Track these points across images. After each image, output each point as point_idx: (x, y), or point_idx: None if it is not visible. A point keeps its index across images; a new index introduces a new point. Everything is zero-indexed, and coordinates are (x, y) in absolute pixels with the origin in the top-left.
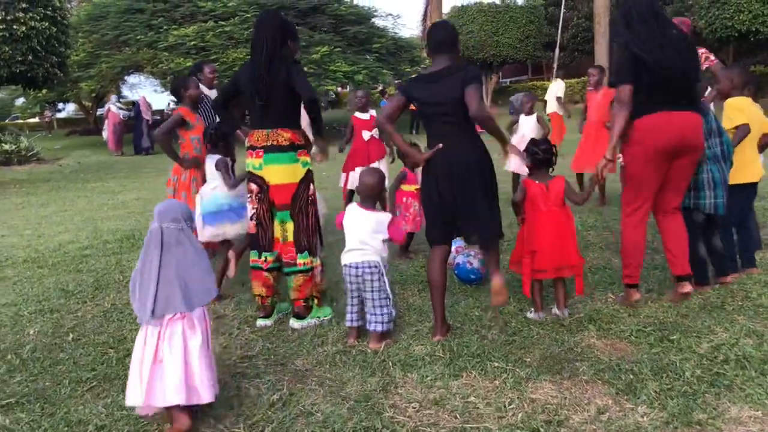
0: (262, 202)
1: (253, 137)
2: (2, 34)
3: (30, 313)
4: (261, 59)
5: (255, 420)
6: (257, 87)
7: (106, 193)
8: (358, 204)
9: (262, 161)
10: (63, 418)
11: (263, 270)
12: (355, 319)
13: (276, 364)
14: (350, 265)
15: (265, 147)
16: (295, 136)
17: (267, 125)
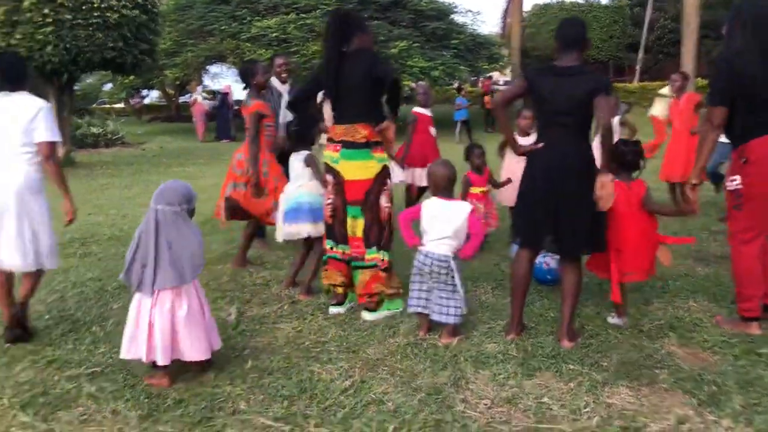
0: (338, 195)
1: (333, 130)
2: (96, 21)
3: (113, 288)
4: (328, 56)
5: (327, 404)
6: (328, 83)
7: (186, 178)
8: (438, 196)
9: (339, 155)
10: (144, 389)
11: (341, 260)
12: (420, 305)
13: (348, 351)
14: (425, 254)
15: (343, 142)
16: (371, 133)
17: (344, 120)
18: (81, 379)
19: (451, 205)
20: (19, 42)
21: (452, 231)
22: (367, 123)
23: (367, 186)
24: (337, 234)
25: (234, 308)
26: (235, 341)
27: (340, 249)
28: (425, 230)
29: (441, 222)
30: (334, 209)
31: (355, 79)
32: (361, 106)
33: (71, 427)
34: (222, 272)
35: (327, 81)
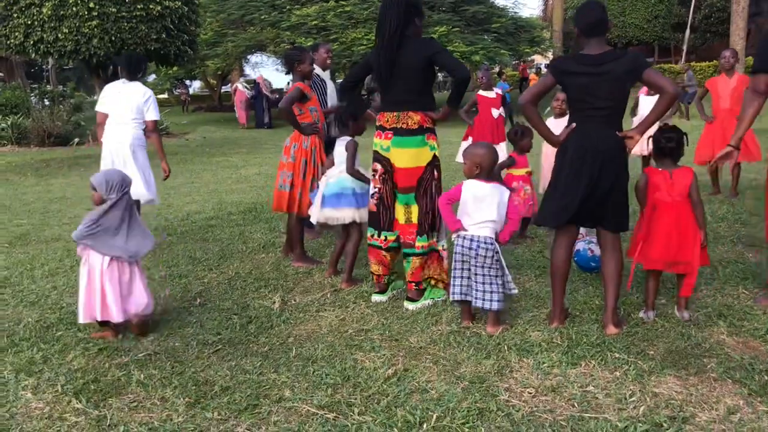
0: (385, 183)
1: (383, 118)
2: (140, 14)
3: (160, 277)
4: (386, 40)
5: (371, 392)
6: (382, 68)
7: (230, 167)
8: (478, 178)
9: (390, 143)
10: (191, 377)
11: (381, 249)
12: (462, 293)
13: (390, 339)
14: (465, 237)
15: (394, 129)
16: (424, 119)
17: (396, 107)
18: (130, 366)
19: (493, 188)
20: (66, 36)
21: (496, 214)
22: (419, 110)
23: (419, 173)
24: (382, 221)
25: (278, 297)
26: (280, 329)
27: (382, 236)
28: (466, 213)
29: (484, 205)
30: (381, 197)
31: (410, 65)
32: (414, 92)
33: (122, 413)
34: (264, 261)
35: (383, 65)
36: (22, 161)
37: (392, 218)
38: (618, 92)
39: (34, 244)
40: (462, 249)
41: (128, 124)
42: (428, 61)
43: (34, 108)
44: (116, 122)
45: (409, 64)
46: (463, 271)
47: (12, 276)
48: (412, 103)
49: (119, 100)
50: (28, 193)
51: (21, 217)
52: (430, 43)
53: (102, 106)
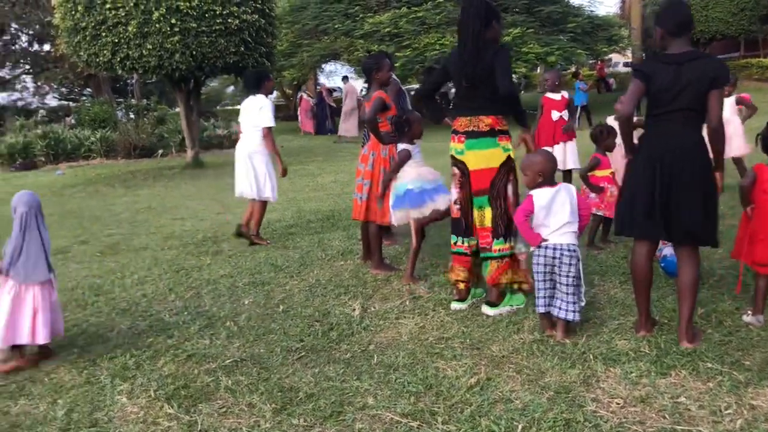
0: (463, 188)
1: (457, 122)
2: (219, 28)
3: (244, 284)
4: (468, 44)
5: (454, 401)
6: (465, 73)
7: (307, 176)
8: (543, 186)
9: (464, 146)
10: (276, 383)
11: (467, 255)
12: (546, 304)
13: (472, 347)
14: (548, 247)
15: (467, 132)
16: (496, 121)
17: (470, 111)
18: (218, 372)
19: (558, 190)
20: (150, 52)
21: (570, 214)
22: (492, 113)
23: (492, 175)
24: (463, 227)
25: (358, 304)
26: (360, 336)
27: (466, 243)
28: (541, 224)
29: (556, 209)
30: (461, 202)
31: (483, 71)
32: (487, 98)
33: (212, 419)
34: (344, 268)
35: (463, 70)
36: (110, 173)
37: (472, 223)
38: (700, 94)
39: (124, 253)
40: (546, 259)
41: (248, 132)
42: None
43: (120, 122)
44: (243, 131)
45: (483, 69)
46: (546, 282)
47: (104, 284)
48: (484, 108)
49: (244, 112)
50: (116, 204)
51: (111, 227)
52: (499, 50)
53: (239, 118)
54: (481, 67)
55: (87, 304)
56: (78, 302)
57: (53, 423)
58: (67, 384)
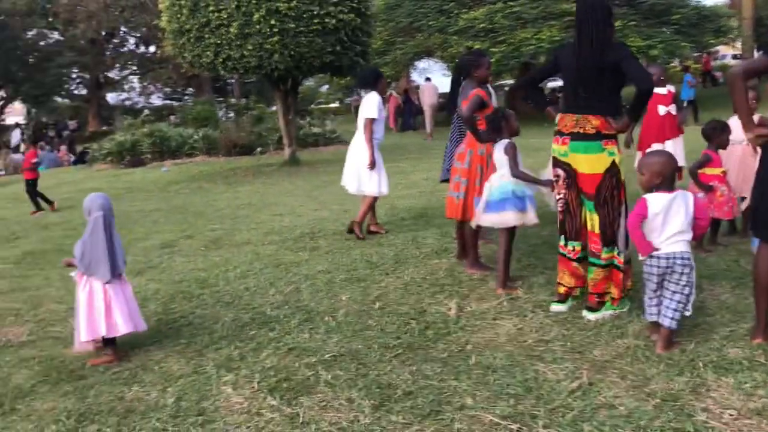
0: (570, 188)
1: (562, 122)
2: (316, 28)
3: (341, 280)
4: (588, 40)
5: (555, 405)
6: (580, 69)
7: (399, 173)
8: (660, 190)
9: (568, 149)
10: (374, 379)
11: (572, 260)
12: (657, 313)
13: (573, 351)
14: (660, 256)
15: (572, 134)
16: (603, 124)
17: (577, 110)
18: (318, 366)
19: (676, 196)
20: (250, 52)
21: (685, 223)
22: (600, 114)
23: (598, 180)
24: (570, 229)
25: (453, 303)
26: (457, 336)
27: (571, 246)
28: (654, 230)
29: (672, 216)
30: (567, 203)
31: (597, 69)
32: (597, 97)
33: (313, 412)
34: (438, 267)
35: (578, 68)
36: (212, 170)
37: (579, 226)
38: None
39: (227, 248)
40: (658, 269)
41: (359, 128)
42: (615, 66)
43: (221, 121)
44: (357, 128)
45: (596, 67)
46: (657, 291)
47: (209, 277)
48: (593, 108)
49: (360, 109)
50: (218, 200)
51: (214, 222)
52: (619, 47)
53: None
54: (598, 64)
55: (193, 296)
56: (184, 294)
57: (164, 410)
58: (175, 373)
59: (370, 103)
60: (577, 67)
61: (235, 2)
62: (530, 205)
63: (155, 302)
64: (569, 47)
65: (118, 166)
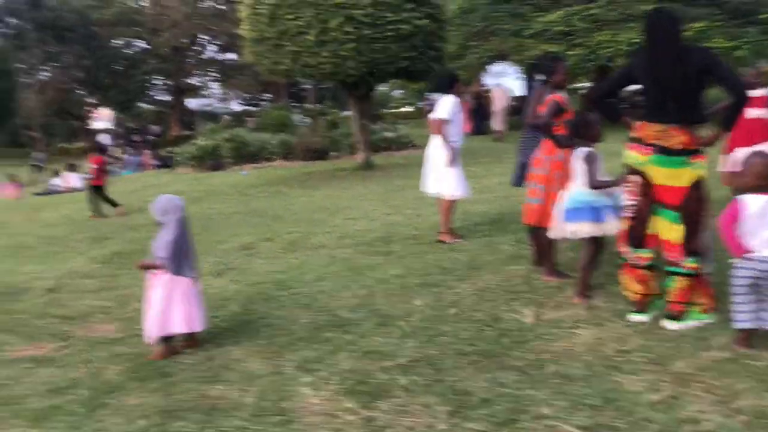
0: (643, 196)
1: (642, 130)
2: (391, 34)
3: (415, 285)
4: (663, 46)
5: (636, 418)
6: (658, 77)
7: (472, 177)
8: (760, 192)
9: (648, 160)
10: (450, 386)
11: (639, 267)
12: (752, 319)
13: (654, 362)
14: (759, 260)
15: (654, 146)
16: (690, 140)
17: (660, 120)
18: (393, 371)
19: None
20: (326, 59)
21: None
22: (685, 126)
23: (683, 192)
24: (638, 237)
25: (530, 310)
26: (534, 344)
27: (638, 254)
28: (749, 233)
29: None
30: (638, 211)
31: (679, 76)
32: (681, 105)
33: (389, 416)
34: (514, 273)
35: (657, 73)
36: (289, 174)
37: (643, 234)
38: None
39: (303, 251)
40: (753, 272)
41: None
42: (701, 73)
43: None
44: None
45: (678, 74)
46: (750, 295)
47: (287, 280)
48: (678, 117)
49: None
50: (295, 203)
51: (291, 226)
52: (705, 52)
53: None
54: (679, 72)
55: (271, 298)
56: (263, 296)
57: (245, 408)
58: (255, 373)
59: (443, 106)
60: (654, 73)
61: (313, 10)
62: (610, 216)
63: (235, 303)
64: (642, 55)
65: (200, 170)
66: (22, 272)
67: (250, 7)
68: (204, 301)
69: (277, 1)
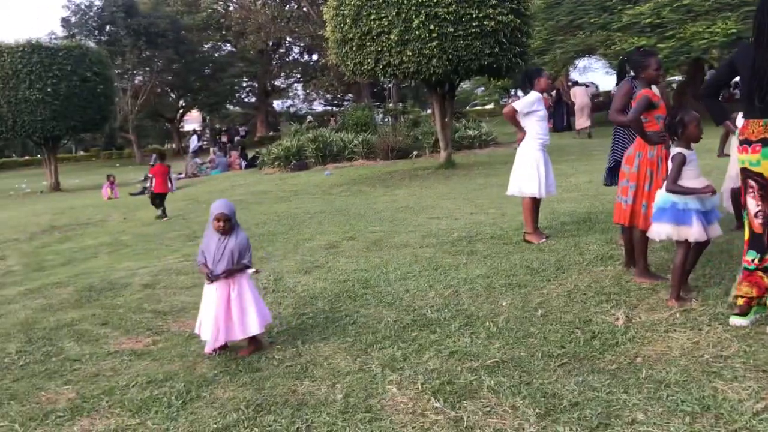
0: (766, 200)
1: (747, 129)
2: (474, 31)
3: (500, 285)
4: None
5: (737, 427)
6: (760, 73)
7: (560, 176)
8: None
9: (760, 156)
10: (539, 388)
11: (758, 270)
12: None
13: (756, 369)
14: None
15: (763, 140)
16: None
17: (763, 114)
18: (480, 371)
19: None
20: (410, 58)
21: None
22: None
23: None
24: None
25: (621, 313)
26: (626, 347)
27: (760, 257)
28: None
29: None
30: (765, 217)
31: None
32: None
33: (477, 417)
34: (603, 274)
35: (760, 67)
36: (371, 173)
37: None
38: None
39: (387, 249)
40: None
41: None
42: None
43: (379, 125)
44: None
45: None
46: None
47: (371, 278)
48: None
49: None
50: (377, 202)
51: (374, 224)
52: None
53: None
54: None
55: (357, 296)
56: (349, 294)
57: (333, 405)
58: (343, 370)
59: (523, 99)
60: (757, 68)
61: (396, 9)
62: (696, 219)
63: (322, 300)
64: (747, 47)
65: (285, 170)
66: (120, 268)
67: (334, 9)
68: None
69: (360, 2)
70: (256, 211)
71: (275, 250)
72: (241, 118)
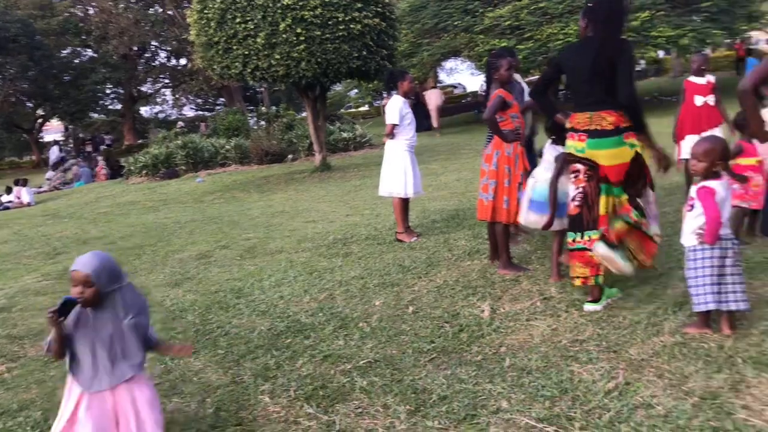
0: (591, 180)
1: (574, 119)
2: (342, 34)
3: (374, 285)
4: (599, 40)
5: (591, 406)
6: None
7: (430, 175)
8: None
9: (585, 146)
10: (410, 385)
11: (585, 249)
12: (718, 300)
13: (608, 350)
14: (725, 239)
15: (588, 131)
16: (619, 119)
17: (589, 107)
18: (353, 373)
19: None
20: (278, 61)
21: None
22: (614, 109)
23: (624, 168)
24: (585, 222)
25: (487, 305)
26: (491, 338)
27: (585, 237)
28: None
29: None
30: (585, 197)
31: (601, 65)
32: (607, 92)
33: (349, 419)
34: (471, 269)
35: (578, 67)
36: (245, 179)
37: (597, 216)
38: None
39: (261, 256)
40: (721, 251)
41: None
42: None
43: (252, 129)
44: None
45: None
46: (715, 277)
47: (245, 287)
48: (606, 102)
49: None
50: (252, 208)
51: (248, 231)
52: (621, 44)
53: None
54: (600, 60)
55: (229, 306)
56: (220, 305)
57: (203, 420)
58: (214, 383)
59: (392, 108)
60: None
61: (261, 13)
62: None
63: (192, 313)
64: (570, 48)
65: (154, 179)
66: None
67: (198, 12)
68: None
69: (224, 5)
70: (122, 223)
71: (142, 264)
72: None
